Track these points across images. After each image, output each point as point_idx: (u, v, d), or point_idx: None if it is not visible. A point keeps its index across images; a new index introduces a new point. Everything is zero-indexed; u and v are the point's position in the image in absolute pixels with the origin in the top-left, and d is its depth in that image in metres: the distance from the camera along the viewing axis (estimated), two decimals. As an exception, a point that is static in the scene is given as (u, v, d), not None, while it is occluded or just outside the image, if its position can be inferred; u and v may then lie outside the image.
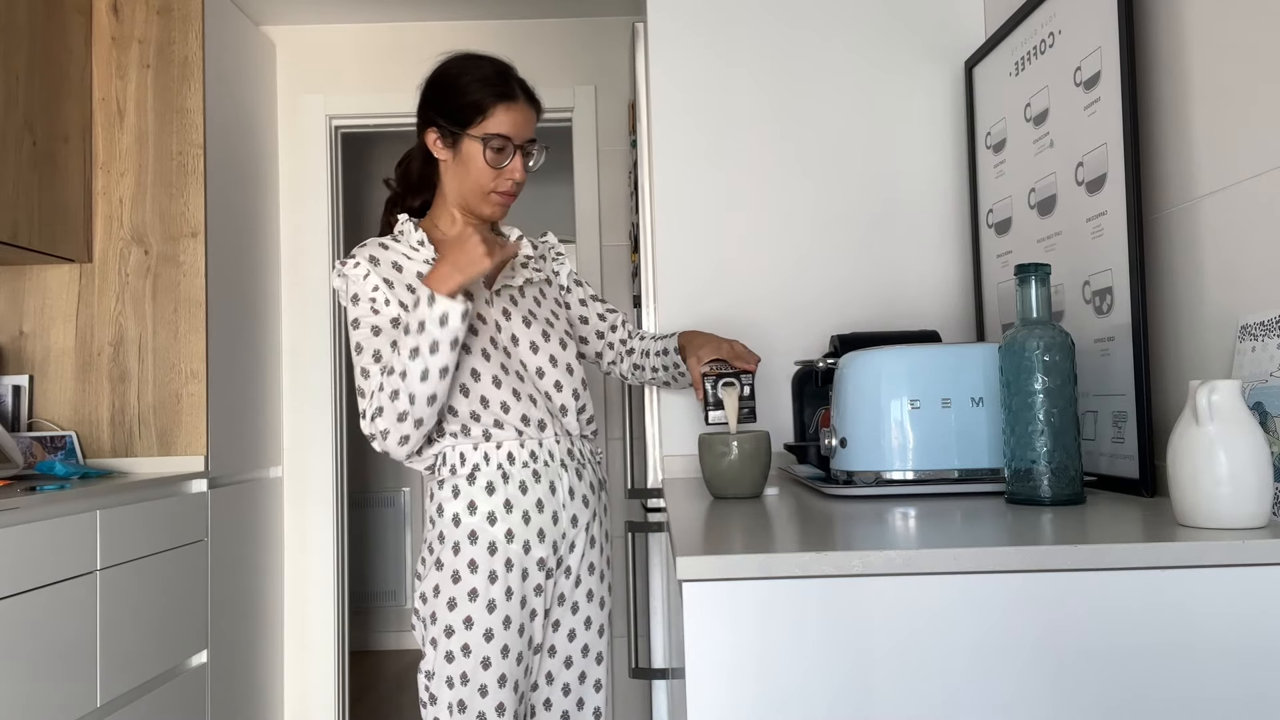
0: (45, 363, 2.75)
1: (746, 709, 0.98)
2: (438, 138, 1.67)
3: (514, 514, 1.63)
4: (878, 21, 2.24)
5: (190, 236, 2.78)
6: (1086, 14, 1.61)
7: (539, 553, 1.64)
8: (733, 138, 2.24)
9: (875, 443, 1.49)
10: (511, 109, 1.64)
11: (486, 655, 1.58)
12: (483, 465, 1.64)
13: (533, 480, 1.64)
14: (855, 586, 0.98)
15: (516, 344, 1.68)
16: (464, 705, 1.57)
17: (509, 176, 1.66)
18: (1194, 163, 1.42)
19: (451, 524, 1.64)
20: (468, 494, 1.64)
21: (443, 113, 1.65)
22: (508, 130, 1.63)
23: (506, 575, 1.61)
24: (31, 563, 1.99)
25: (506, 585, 1.60)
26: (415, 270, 1.65)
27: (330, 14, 3.30)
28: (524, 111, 1.66)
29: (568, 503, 1.68)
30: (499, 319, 1.68)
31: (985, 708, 0.97)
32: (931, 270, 2.21)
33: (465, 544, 1.62)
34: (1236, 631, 0.97)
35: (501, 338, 1.67)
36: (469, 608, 1.59)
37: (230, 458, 2.91)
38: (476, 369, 1.62)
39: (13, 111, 2.42)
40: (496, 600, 1.59)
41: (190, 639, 2.63)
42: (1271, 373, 1.19)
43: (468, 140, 1.64)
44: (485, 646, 1.58)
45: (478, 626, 1.59)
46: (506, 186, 1.66)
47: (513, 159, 1.65)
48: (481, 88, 1.64)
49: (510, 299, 1.71)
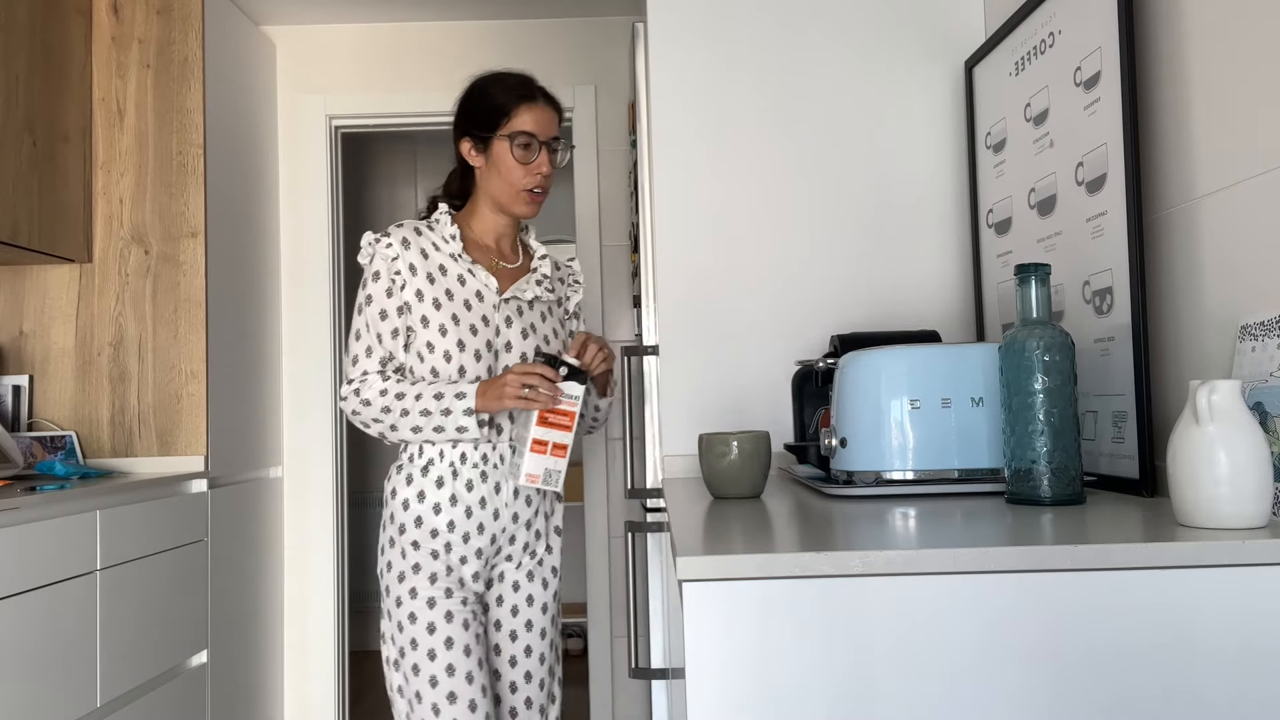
0: (45, 363, 2.75)
1: (746, 709, 0.98)
2: (471, 146, 1.83)
3: (458, 507, 1.79)
4: (878, 21, 2.24)
5: (190, 236, 2.78)
6: (1086, 14, 1.61)
7: (477, 543, 1.79)
8: (733, 138, 2.24)
9: (875, 443, 1.49)
10: (533, 108, 1.80)
11: (431, 621, 1.73)
12: (437, 461, 1.80)
13: (479, 479, 1.79)
14: (855, 586, 0.98)
15: (509, 350, 1.80)
16: (417, 669, 1.72)
17: (537, 170, 1.80)
18: (1194, 163, 1.42)
19: (401, 508, 1.80)
20: (419, 483, 1.80)
21: (473, 121, 1.82)
22: (531, 128, 1.79)
23: (446, 556, 1.77)
24: (31, 563, 1.99)
25: (446, 564, 1.77)
26: (439, 262, 1.78)
27: (330, 14, 3.30)
28: (546, 111, 1.82)
29: (510, 502, 1.82)
30: (501, 324, 1.80)
31: (985, 707, 0.97)
32: (931, 270, 2.21)
33: (411, 526, 1.79)
34: (1236, 631, 0.97)
35: (498, 342, 1.79)
36: (413, 580, 1.75)
37: (230, 458, 2.91)
38: (465, 367, 1.76)
39: (13, 111, 2.42)
40: (438, 574, 1.76)
41: (190, 639, 2.63)
42: (1271, 373, 1.19)
43: (497, 142, 1.79)
44: (429, 613, 1.73)
45: (421, 596, 1.75)
46: (536, 181, 1.80)
47: (539, 155, 1.80)
48: (504, 93, 1.81)
49: (517, 309, 1.83)
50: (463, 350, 1.74)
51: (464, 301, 1.77)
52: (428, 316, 1.75)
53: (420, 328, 1.75)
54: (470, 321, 1.76)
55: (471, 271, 1.79)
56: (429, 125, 3.43)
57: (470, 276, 1.79)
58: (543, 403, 1.65)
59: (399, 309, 1.75)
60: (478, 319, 1.77)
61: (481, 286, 1.79)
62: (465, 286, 1.79)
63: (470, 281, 1.79)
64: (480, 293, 1.78)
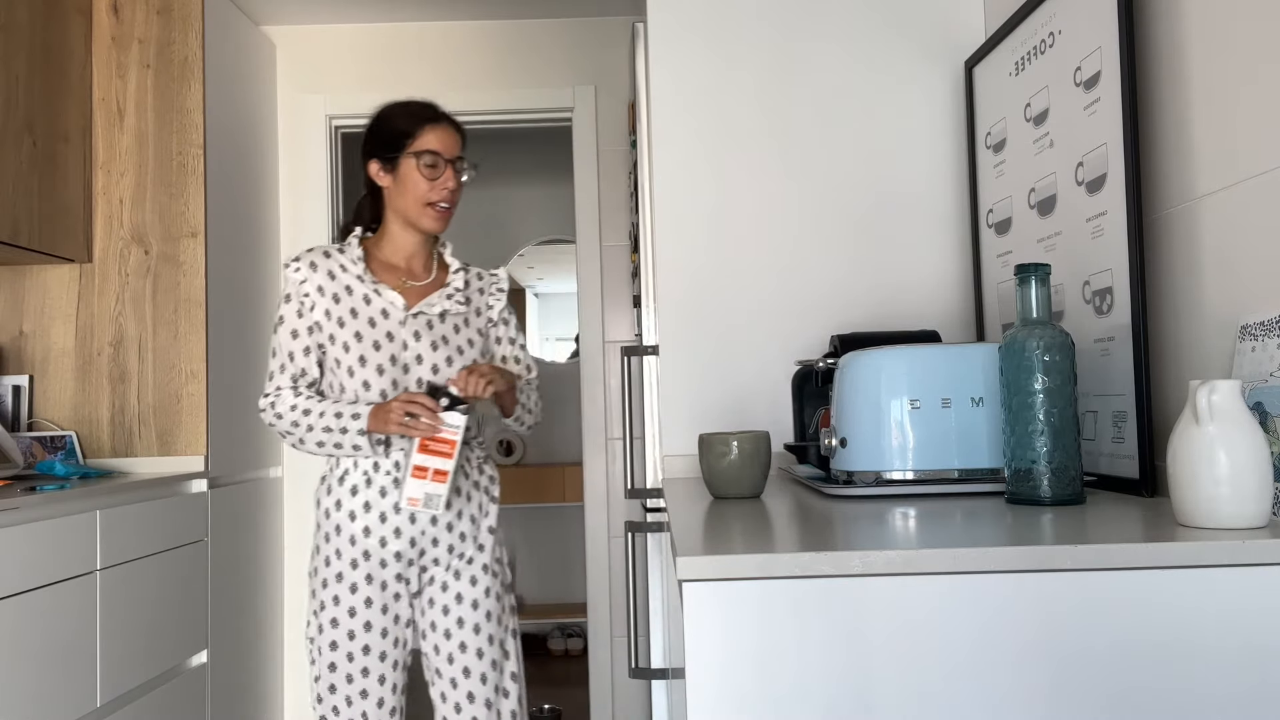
0: (45, 363, 2.75)
1: (746, 709, 0.98)
2: (379, 167, 1.92)
3: (371, 513, 1.88)
4: (878, 22, 2.24)
5: (190, 236, 2.78)
6: (1086, 14, 1.61)
7: (395, 547, 1.87)
8: (733, 137, 2.24)
9: (875, 443, 1.49)
10: (437, 129, 1.90)
11: (351, 629, 1.85)
12: (352, 470, 1.90)
13: (392, 486, 1.87)
14: (855, 586, 0.98)
15: (420, 362, 1.88)
16: (334, 666, 1.85)
17: (443, 186, 1.89)
18: (1194, 163, 1.42)
19: (324, 515, 1.92)
20: (337, 492, 1.91)
21: (380, 144, 1.92)
22: (436, 146, 1.89)
23: (365, 563, 1.86)
24: (31, 563, 1.99)
25: (366, 572, 1.86)
26: (346, 283, 1.90)
27: (330, 14, 3.30)
28: (449, 132, 1.92)
29: None
30: (409, 339, 1.89)
31: (985, 707, 0.97)
32: (931, 270, 2.21)
33: (332, 534, 1.89)
34: (1236, 631, 0.97)
35: (405, 355, 1.88)
36: (336, 588, 1.86)
37: (230, 458, 2.91)
38: (369, 382, 1.86)
39: (13, 112, 2.42)
40: (358, 584, 1.86)
41: (190, 639, 2.63)
42: (1271, 373, 1.19)
43: (404, 161, 1.89)
44: (350, 621, 1.85)
45: (343, 604, 1.86)
46: (442, 196, 1.89)
47: (444, 171, 1.89)
48: (409, 116, 1.91)
49: (426, 324, 1.91)
50: (364, 365, 1.85)
51: (369, 319, 1.88)
52: (334, 334, 1.87)
53: (329, 344, 1.87)
54: (374, 338, 1.86)
55: (377, 291, 1.89)
56: (429, 125, 3.42)
57: (376, 296, 1.89)
58: (422, 431, 1.76)
59: (309, 328, 1.88)
60: (382, 335, 1.87)
61: (387, 304, 1.89)
62: (370, 305, 1.89)
63: (375, 300, 1.89)
64: (386, 310, 1.88)
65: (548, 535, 5.05)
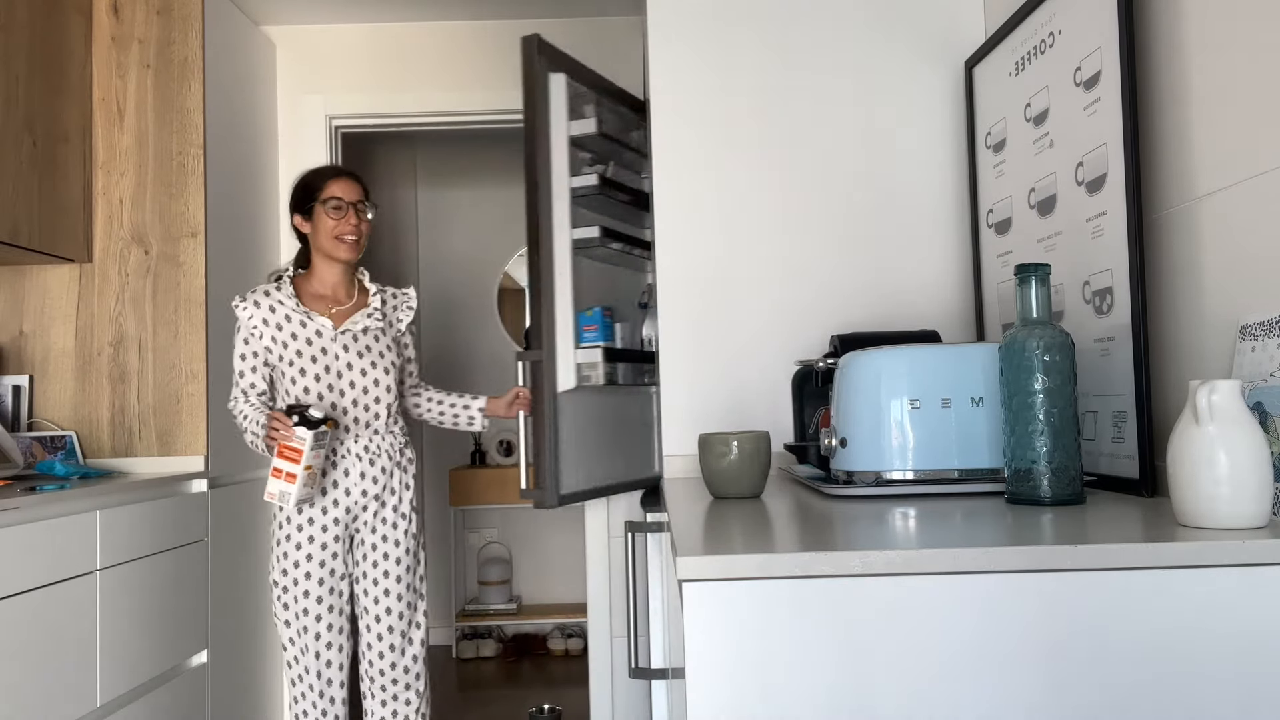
0: (45, 363, 2.75)
1: (746, 709, 0.98)
2: (300, 219, 2.37)
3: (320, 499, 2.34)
4: (878, 22, 2.24)
5: (190, 236, 2.78)
6: (1086, 14, 1.61)
7: (334, 514, 2.32)
8: (733, 138, 2.24)
9: (875, 443, 1.49)
10: (339, 180, 2.35)
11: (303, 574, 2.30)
12: None
13: (330, 466, 2.31)
14: (855, 586, 0.98)
15: (350, 369, 2.32)
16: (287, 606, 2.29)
17: (348, 223, 2.33)
18: (1194, 163, 1.42)
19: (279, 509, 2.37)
20: None
21: (298, 201, 2.37)
22: (339, 193, 2.34)
23: (309, 527, 2.30)
24: (31, 563, 1.99)
25: (309, 534, 2.30)
26: (284, 314, 2.31)
27: (330, 14, 3.30)
28: (350, 183, 2.37)
29: (359, 481, 2.32)
30: (339, 351, 2.32)
31: (984, 707, 0.97)
32: (931, 270, 2.21)
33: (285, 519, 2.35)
34: (1236, 631, 0.97)
35: (337, 364, 2.31)
36: (286, 545, 2.30)
37: (230, 458, 2.91)
38: (309, 388, 2.29)
39: (13, 111, 2.42)
40: (301, 543, 2.30)
41: (190, 639, 2.63)
42: (1271, 373, 1.19)
43: (317, 207, 2.33)
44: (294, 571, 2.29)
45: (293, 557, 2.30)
46: (348, 229, 2.33)
47: (347, 212, 2.33)
48: (317, 175, 2.37)
49: (352, 338, 2.34)
50: (304, 375, 2.28)
51: (306, 339, 2.30)
52: (281, 354, 2.29)
53: (278, 362, 2.30)
54: (311, 354, 2.29)
55: (310, 316, 2.32)
56: (429, 125, 3.43)
57: (309, 320, 2.31)
58: (278, 439, 2.14)
59: (254, 353, 2.30)
60: (317, 351, 2.30)
61: (319, 327, 2.32)
62: (306, 328, 2.31)
63: (309, 324, 2.31)
64: (319, 330, 2.31)
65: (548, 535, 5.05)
